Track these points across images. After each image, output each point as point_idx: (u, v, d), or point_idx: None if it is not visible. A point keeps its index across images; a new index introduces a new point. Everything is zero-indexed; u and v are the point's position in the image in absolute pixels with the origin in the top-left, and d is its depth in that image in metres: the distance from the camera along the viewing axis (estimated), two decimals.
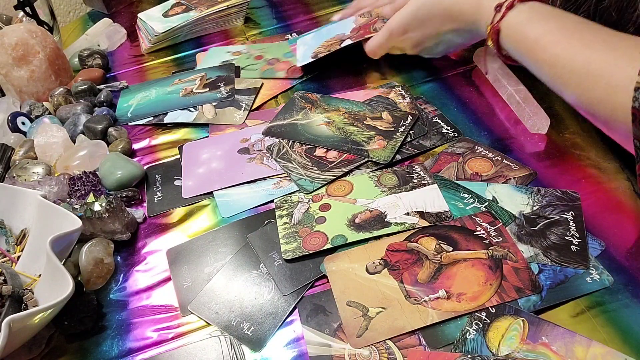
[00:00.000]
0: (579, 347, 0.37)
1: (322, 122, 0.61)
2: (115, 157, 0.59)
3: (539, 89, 0.58)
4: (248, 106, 0.67)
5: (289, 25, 0.84)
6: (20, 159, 0.62)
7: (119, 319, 0.47)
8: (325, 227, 0.49)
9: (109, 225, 0.51)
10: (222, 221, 0.54)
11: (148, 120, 0.69)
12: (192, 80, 0.73)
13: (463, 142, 0.56)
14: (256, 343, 0.43)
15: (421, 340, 0.40)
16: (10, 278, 0.45)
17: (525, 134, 0.56)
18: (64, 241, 0.45)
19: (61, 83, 0.75)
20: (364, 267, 0.45)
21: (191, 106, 0.69)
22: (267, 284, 0.46)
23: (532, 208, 0.48)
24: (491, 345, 0.39)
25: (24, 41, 0.71)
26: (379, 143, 0.56)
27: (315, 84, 0.69)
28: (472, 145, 0.55)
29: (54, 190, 0.55)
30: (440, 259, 0.45)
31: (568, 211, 0.47)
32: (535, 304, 0.41)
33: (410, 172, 0.53)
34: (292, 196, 0.54)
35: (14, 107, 0.71)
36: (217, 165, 0.59)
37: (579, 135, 0.54)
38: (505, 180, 0.51)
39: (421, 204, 0.50)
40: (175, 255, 0.51)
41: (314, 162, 0.56)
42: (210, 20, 0.85)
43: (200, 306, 0.46)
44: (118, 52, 0.87)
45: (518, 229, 0.46)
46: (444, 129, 0.58)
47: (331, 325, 0.42)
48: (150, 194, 0.58)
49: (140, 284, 0.50)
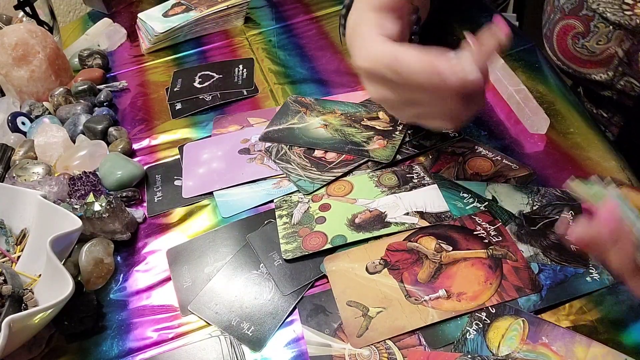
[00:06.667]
0: (579, 347, 0.37)
1: (319, 124, 0.61)
2: (115, 157, 0.59)
3: (539, 89, 0.59)
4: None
5: (289, 25, 0.84)
6: (20, 159, 0.62)
7: (119, 319, 0.47)
8: (325, 227, 0.49)
9: (109, 225, 0.51)
10: (222, 221, 0.54)
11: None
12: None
13: (463, 142, 0.56)
14: (256, 343, 0.43)
15: (421, 340, 0.40)
16: (10, 278, 0.45)
17: (525, 134, 0.56)
18: (64, 241, 0.45)
19: (61, 83, 0.75)
20: (364, 267, 0.45)
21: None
22: (267, 284, 0.46)
23: (531, 207, 0.48)
24: (491, 345, 0.39)
25: (24, 41, 0.71)
26: (379, 143, 0.56)
27: (311, 86, 0.69)
28: (472, 145, 0.55)
29: (54, 190, 0.55)
30: (440, 259, 0.45)
31: (568, 211, 0.47)
32: (535, 304, 0.41)
33: (410, 172, 0.53)
34: (292, 196, 0.54)
35: (14, 107, 0.71)
36: (217, 165, 0.59)
37: (579, 135, 0.54)
38: (505, 180, 0.51)
39: (421, 204, 0.50)
40: (175, 255, 0.51)
41: (313, 163, 0.56)
42: (210, 20, 0.85)
43: (200, 306, 0.46)
44: (118, 52, 0.87)
45: (518, 228, 0.46)
46: (444, 129, 0.58)
47: (331, 325, 0.42)
48: (150, 194, 0.58)
49: (140, 284, 0.50)
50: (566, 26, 0.58)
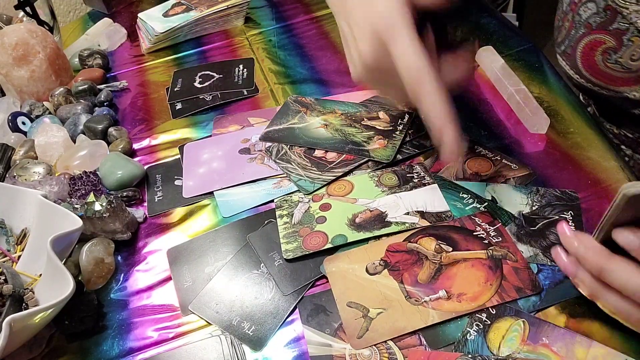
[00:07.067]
0: (579, 348, 0.38)
1: (320, 124, 0.61)
2: (115, 157, 0.59)
3: (539, 89, 0.59)
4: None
5: (289, 25, 0.84)
6: (21, 158, 0.62)
7: (120, 319, 0.47)
8: (325, 226, 0.49)
9: (110, 225, 0.51)
10: (223, 221, 0.54)
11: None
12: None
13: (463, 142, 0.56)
14: (257, 343, 0.43)
15: (422, 340, 0.40)
16: (10, 278, 0.45)
17: (525, 134, 0.56)
18: (64, 241, 0.45)
19: (61, 83, 0.75)
20: (364, 268, 0.45)
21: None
22: (268, 284, 0.46)
23: (531, 208, 0.48)
24: (492, 346, 0.39)
25: (24, 41, 0.71)
26: (379, 142, 0.56)
27: (312, 86, 0.69)
28: (471, 145, 0.55)
29: (55, 190, 0.55)
30: (440, 259, 0.45)
31: (567, 211, 0.47)
32: (534, 304, 0.41)
33: (411, 171, 0.53)
34: (293, 196, 0.54)
35: (14, 107, 0.71)
36: (217, 165, 0.59)
37: (579, 135, 0.55)
38: (504, 180, 0.51)
39: (421, 204, 0.50)
40: (176, 255, 0.51)
41: (314, 162, 0.56)
42: (210, 20, 0.85)
43: (200, 306, 0.46)
44: (118, 52, 0.87)
45: (517, 229, 0.46)
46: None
47: (332, 325, 0.42)
48: (150, 194, 0.58)
49: (140, 284, 0.50)
50: (594, 42, 0.54)
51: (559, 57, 0.62)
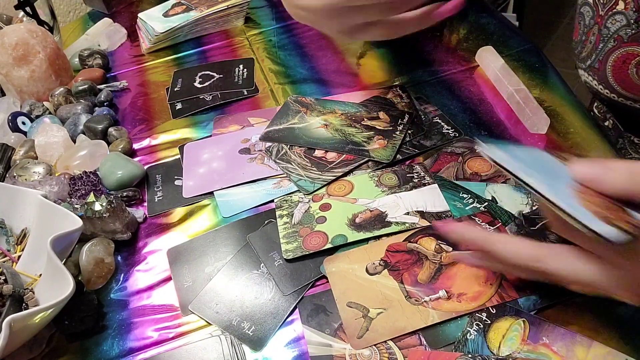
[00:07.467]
0: (579, 348, 0.38)
1: (320, 124, 0.61)
2: (115, 157, 0.59)
3: (539, 89, 0.59)
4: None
5: (290, 25, 0.84)
6: (21, 158, 0.62)
7: (120, 319, 0.47)
8: (325, 226, 0.49)
9: (110, 225, 0.51)
10: (223, 221, 0.54)
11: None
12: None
13: (463, 142, 0.56)
14: (257, 343, 0.43)
15: (422, 340, 0.40)
16: (10, 278, 0.45)
17: (525, 134, 0.56)
18: (64, 241, 0.45)
19: (61, 83, 0.75)
20: (364, 268, 0.45)
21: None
22: (268, 284, 0.46)
23: (531, 208, 0.48)
24: (492, 345, 0.39)
25: (24, 41, 0.71)
26: (379, 142, 0.57)
27: (312, 86, 0.69)
28: (471, 145, 0.55)
29: (55, 190, 0.55)
30: (440, 259, 0.45)
31: None
32: (535, 303, 0.41)
33: (411, 171, 0.53)
34: (293, 196, 0.54)
35: (14, 107, 0.71)
36: (217, 165, 0.59)
37: (579, 135, 0.55)
38: (504, 180, 0.51)
39: (421, 204, 0.50)
40: (176, 255, 0.51)
41: (314, 162, 0.56)
42: (210, 20, 0.85)
43: (200, 306, 0.46)
44: (118, 52, 0.87)
45: (517, 228, 0.46)
46: (444, 129, 0.58)
47: (332, 325, 0.42)
48: (150, 194, 0.58)
49: (140, 284, 0.50)
50: (626, 54, 0.53)
51: (583, 72, 0.60)
